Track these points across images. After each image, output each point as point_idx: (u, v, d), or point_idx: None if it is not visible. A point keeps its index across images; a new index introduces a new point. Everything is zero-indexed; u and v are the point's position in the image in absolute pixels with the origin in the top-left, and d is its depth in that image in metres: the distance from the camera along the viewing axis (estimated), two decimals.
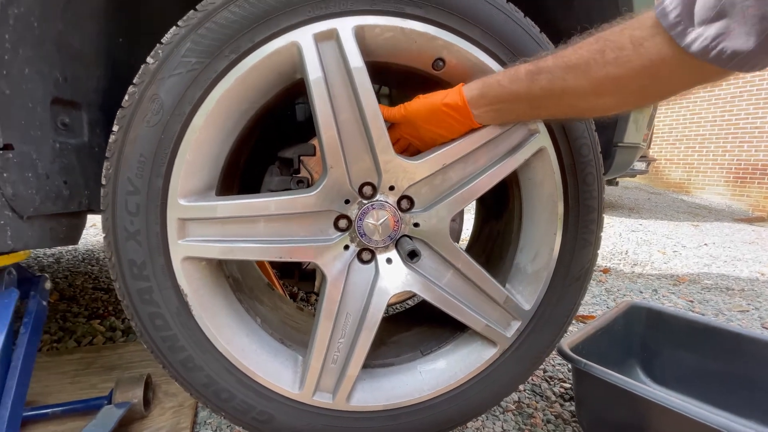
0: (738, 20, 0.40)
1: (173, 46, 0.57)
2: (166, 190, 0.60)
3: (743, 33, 0.41)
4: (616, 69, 0.49)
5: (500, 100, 0.60)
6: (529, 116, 0.63)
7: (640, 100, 0.54)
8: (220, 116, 0.61)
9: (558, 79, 0.53)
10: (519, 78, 0.57)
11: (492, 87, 0.59)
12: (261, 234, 0.65)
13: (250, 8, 0.58)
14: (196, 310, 0.65)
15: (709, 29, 0.42)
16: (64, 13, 0.62)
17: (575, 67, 0.52)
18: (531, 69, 0.56)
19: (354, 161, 0.64)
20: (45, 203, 0.63)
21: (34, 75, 0.60)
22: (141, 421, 0.85)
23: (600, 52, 0.50)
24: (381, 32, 0.62)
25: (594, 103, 0.54)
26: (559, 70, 0.53)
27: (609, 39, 0.50)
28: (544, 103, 0.57)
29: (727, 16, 0.41)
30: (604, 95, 0.53)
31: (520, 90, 0.57)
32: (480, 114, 0.62)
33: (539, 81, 0.55)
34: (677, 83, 0.49)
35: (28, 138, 0.60)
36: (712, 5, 0.41)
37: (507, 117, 0.63)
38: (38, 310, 0.77)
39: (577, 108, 0.57)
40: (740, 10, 0.40)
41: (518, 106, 0.59)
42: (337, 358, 0.70)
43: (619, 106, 0.55)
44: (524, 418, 0.97)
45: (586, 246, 0.75)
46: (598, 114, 0.58)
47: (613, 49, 0.49)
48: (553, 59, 0.54)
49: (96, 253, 2.27)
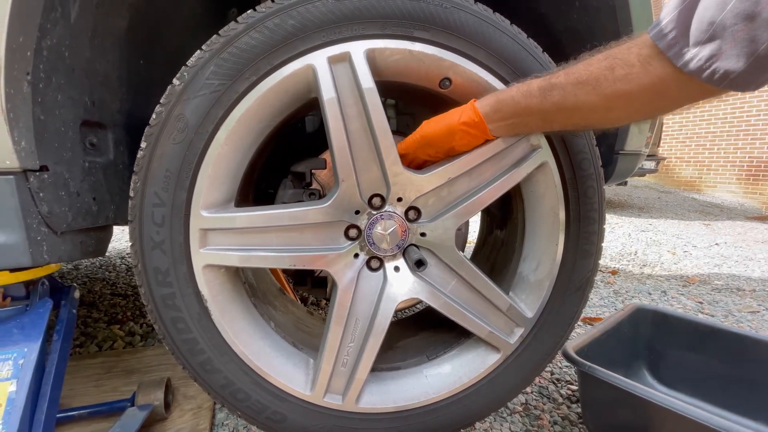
0: (729, 42, 0.43)
1: (198, 69, 0.61)
2: (190, 202, 0.64)
3: (734, 54, 0.43)
4: (625, 85, 0.51)
5: (514, 114, 0.62)
6: (541, 128, 0.65)
7: (647, 113, 0.56)
8: (240, 134, 0.65)
9: (570, 95, 0.56)
10: (532, 94, 0.59)
11: (506, 103, 0.62)
12: (276, 243, 0.69)
13: (270, 34, 0.62)
14: (215, 314, 0.68)
15: (703, 50, 0.44)
16: (92, 41, 0.67)
17: (586, 83, 0.54)
18: (543, 85, 0.58)
19: (364, 174, 0.68)
20: (76, 219, 0.67)
21: (66, 101, 0.64)
22: (162, 423, 0.89)
23: (610, 69, 0.52)
24: (391, 54, 0.66)
25: (604, 116, 0.57)
26: (571, 86, 0.55)
27: (617, 57, 0.52)
28: (556, 117, 0.60)
29: (719, 38, 0.43)
30: (613, 110, 0.55)
31: (533, 105, 0.59)
32: (495, 128, 0.65)
33: (552, 97, 0.57)
34: (681, 99, 0.51)
35: (60, 159, 0.64)
36: (705, 28, 0.44)
37: (520, 130, 0.66)
38: (69, 318, 0.82)
39: (588, 121, 0.59)
40: (731, 33, 0.42)
41: (531, 120, 0.62)
42: (347, 361, 0.73)
43: (628, 118, 0.58)
44: (531, 420, 0.99)
45: (588, 256, 0.77)
46: (608, 126, 0.60)
47: (622, 66, 0.51)
48: (564, 75, 0.56)
49: (113, 260, 2.34)
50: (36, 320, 0.72)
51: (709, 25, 0.43)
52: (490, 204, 0.73)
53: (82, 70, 0.67)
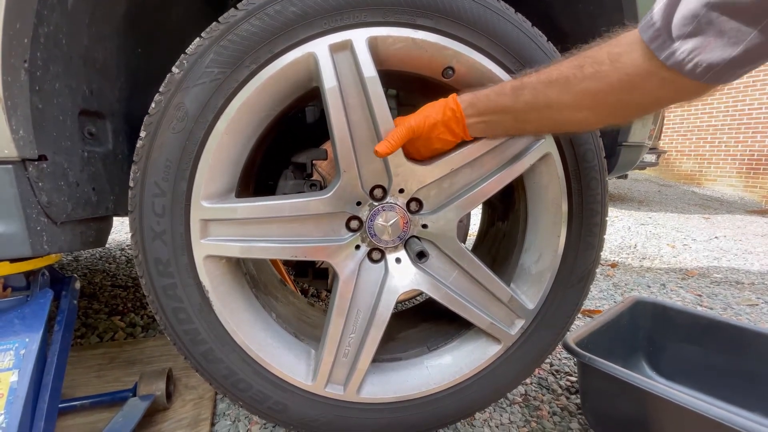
0: (713, 36, 0.43)
1: (197, 57, 0.60)
2: (190, 192, 0.63)
3: (718, 47, 0.43)
4: (593, 83, 0.52)
5: (488, 111, 0.62)
6: (515, 130, 0.65)
7: (618, 114, 0.56)
8: (240, 123, 0.64)
9: (540, 94, 0.56)
10: (505, 92, 0.60)
11: (480, 99, 0.62)
12: (277, 234, 0.68)
13: (270, 21, 0.61)
14: (216, 305, 0.68)
15: (685, 44, 0.44)
16: (89, 29, 0.66)
17: (556, 82, 0.55)
18: (516, 84, 0.59)
19: (366, 165, 0.67)
20: (76, 209, 0.67)
21: (64, 89, 0.63)
22: (164, 413, 0.90)
23: (579, 68, 0.53)
24: (393, 42, 0.65)
25: (573, 116, 0.57)
26: (542, 85, 0.56)
27: (588, 55, 0.53)
28: (528, 117, 0.60)
29: (702, 33, 0.43)
30: (582, 109, 0.55)
31: (506, 103, 0.60)
32: (471, 124, 0.64)
33: (523, 95, 0.58)
34: (652, 97, 0.51)
35: (59, 149, 0.64)
36: (689, 21, 0.44)
37: (495, 129, 0.65)
38: (69, 308, 0.81)
39: (557, 122, 0.59)
40: (716, 27, 0.42)
41: (504, 118, 0.62)
42: (348, 352, 0.73)
43: (599, 121, 0.57)
44: (531, 410, 1.00)
45: (589, 248, 0.77)
46: (580, 129, 0.61)
47: (591, 64, 0.52)
48: (536, 75, 0.57)
49: (113, 251, 2.34)
50: (37, 311, 0.71)
51: (693, 18, 0.43)
52: (492, 195, 0.72)
53: (80, 58, 0.66)
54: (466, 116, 0.63)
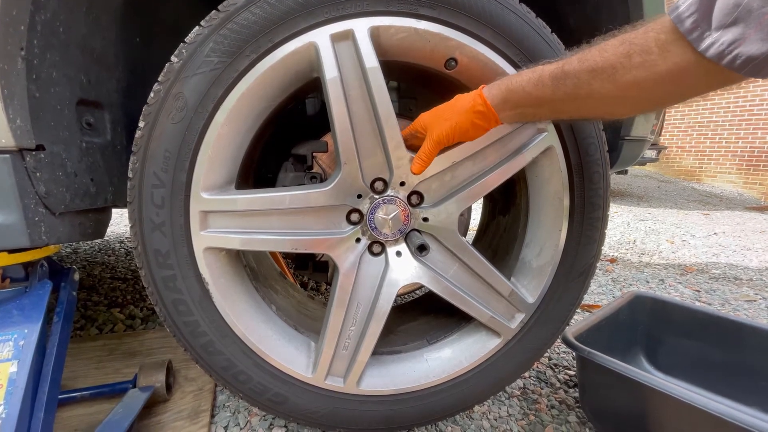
0: (754, 26, 0.41)
1: (196, 46, 0.60)
2: (190, 183, 0.63)
3: (758, 39, 0.41)
4: (642, 73, 0.48)
5: (525, 104, 0.60)
6: (550, 117, 0.63)
7: (659, 104, 0.54)
8: (240, 113, 0.63)
9: (583, 84, 0.53)
10: (544, 83, 0.56)
11: (516, 92, 0.59)
12: (278, 226, 0.68)
13: (270, 9, 0.60)
14: (216, 297, 0.68)
15: (725, 34, 0.42)
16: (87, 17, 0.65)
17: (601, 71, 0.51)
18: (556, 73, 0.55)
19: (367, 158, 0.67)
20: (74, 200, 0.66)
21: (61, 78, 0.62)
22: (164, 404, 0.90)
23: (626, 56, 0.49)
24: (395, 32, 0.64)
25: (615, 107, 0.54)
26: (585, 74, 0.52)
27: (634, 42, 0.49)
28: (567, 107, 0.57)
29: (743, 22, 0.41)
30: (626, 99, 0.52)
31: (545, 95, 0.57)
32: (503, 117, 0.63)
33: (564, 86, 0.54)
34: (697, 87, 0.48)
35: (57, 138, 0.63)
36: (730, 11, 0.42)
37: (528, 119, 0.64)
38: (69, 300, 0.81)
39: (597, 111, 0.57)
40: (757, 17, 0.40)
41: (541, 110, 0.60)
42: (348, 344, 0.73)
43: (634, 110, 0.55)
44: (529, 404, 1.00)
45: (591, 242, 0.77)
46: (616, 117, 0.58)
47: (639, 52, 0.48)
48: (578, 62, 0.53)
49: (112, 243, 2.33)
50: (36, 301, 0.71)
51: (734, 7, 0.41)
52: (493, 189, 0.72)
53: (77, 47, 0.65)
54: (497, 111, 0.61)
